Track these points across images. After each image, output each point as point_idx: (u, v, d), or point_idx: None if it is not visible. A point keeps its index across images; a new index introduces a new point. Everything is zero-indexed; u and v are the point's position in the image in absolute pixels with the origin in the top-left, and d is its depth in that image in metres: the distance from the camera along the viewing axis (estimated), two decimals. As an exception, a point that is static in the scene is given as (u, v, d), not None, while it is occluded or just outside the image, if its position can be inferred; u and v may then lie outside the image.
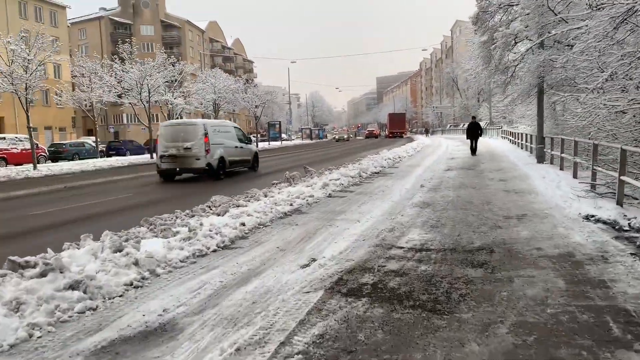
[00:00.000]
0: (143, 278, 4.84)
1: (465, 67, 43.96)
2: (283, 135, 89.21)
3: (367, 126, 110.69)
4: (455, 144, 33.91)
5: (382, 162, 17.61)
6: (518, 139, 25.29)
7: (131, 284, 4.64)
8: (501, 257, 5.33)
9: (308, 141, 75.72)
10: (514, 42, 14.65)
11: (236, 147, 16.36)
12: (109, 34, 73.03)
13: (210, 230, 6.44)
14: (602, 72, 8.91)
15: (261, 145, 51.54)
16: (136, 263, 5.01)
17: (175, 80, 40.60)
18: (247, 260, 5.52)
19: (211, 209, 8.22)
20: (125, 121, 69.34)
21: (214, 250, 5.99)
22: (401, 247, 5.86)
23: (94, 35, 71.06)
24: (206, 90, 40.24)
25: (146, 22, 77.41)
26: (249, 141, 18.00)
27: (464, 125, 72.54)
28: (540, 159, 14.65)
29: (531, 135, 19.03)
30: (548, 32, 13.50)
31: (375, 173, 15.00)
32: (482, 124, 60.42)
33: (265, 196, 9.49)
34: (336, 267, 5.13)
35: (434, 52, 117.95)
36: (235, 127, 17.27)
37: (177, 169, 14.88)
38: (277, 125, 58.71)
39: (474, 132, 21.63)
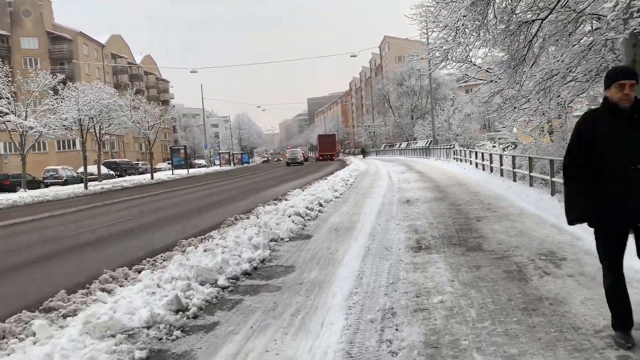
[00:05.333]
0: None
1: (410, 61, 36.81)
2: (202, 162, 77.97)
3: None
4: (397, 170, 25.96)
5: (279, 227, 8.55)
6: (489, 162, 17.58)
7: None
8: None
9: (227, 167, 65.49)
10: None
11: None
12: (-19, 48, 60.57)
13: None
14: None
15: (160, 175, 40.70)
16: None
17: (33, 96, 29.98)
18: None
19: None
20: (2, 151, 56.00)
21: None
22: None
23: (-39, 49, 57.92)
24: (69, 107, 29.60)
25: (28, 34, 65.17)
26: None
27: (400, 145, 63.67)
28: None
29: (548, 160, 10.74)
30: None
31: (247, 275, 5.91)
32: (422, 143, 48.91)
33: None
34: None
35: (362, 70, 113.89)
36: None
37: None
38: (182, 151, 48.18)
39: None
